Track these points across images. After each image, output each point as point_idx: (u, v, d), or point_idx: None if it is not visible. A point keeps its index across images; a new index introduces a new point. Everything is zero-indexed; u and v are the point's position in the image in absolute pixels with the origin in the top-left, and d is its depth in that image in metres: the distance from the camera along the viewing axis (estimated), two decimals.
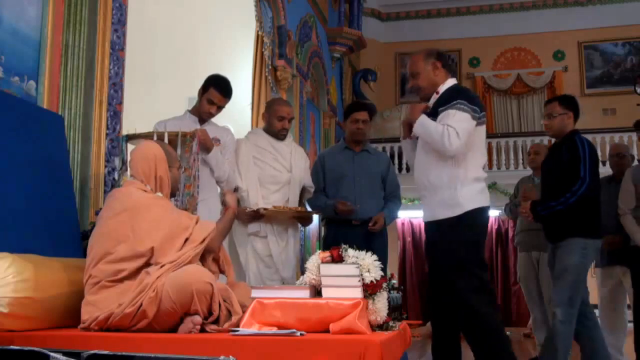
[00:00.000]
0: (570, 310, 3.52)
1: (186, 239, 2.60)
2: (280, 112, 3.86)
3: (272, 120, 3.88)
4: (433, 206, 3.16)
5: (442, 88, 3.20)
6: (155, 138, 3.15)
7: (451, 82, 3.23)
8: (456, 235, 3.07)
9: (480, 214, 3.12)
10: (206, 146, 3.39)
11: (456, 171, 3.08)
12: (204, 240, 2.62)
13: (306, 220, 4.07)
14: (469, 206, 3.07)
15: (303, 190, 4.04)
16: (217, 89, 3.54)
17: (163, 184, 2.74)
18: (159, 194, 2.73)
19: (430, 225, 3.24)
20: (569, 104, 3.82)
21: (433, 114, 3.16)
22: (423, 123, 3.12)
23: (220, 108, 3.61)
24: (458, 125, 3.00)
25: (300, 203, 4.04)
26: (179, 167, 2.90)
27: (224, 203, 2.95)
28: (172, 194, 2.90)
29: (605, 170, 4.46)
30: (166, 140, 3.19)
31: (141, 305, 2.38)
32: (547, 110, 3.86)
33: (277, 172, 3.86)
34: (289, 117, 3.89)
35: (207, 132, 3.41)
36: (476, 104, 3.10)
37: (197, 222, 2.67)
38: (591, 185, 3.53)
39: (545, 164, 3.93)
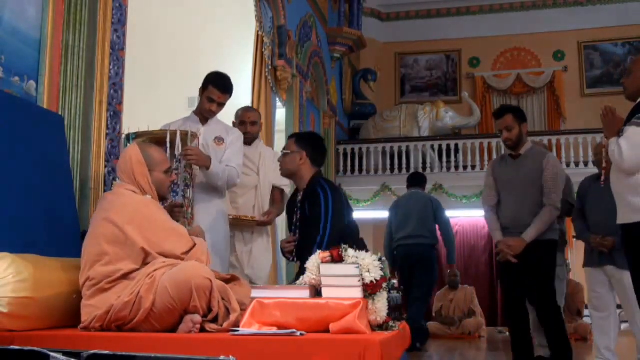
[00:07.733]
0: None
1: (188, 250, 2.65)
2: (242, 117, 4.10)
3: (237, 126, 4.09)
4: (621, 211, 3.19)
5: None
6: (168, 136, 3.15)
7: None
8: (635, 243, 3.06)
9: None
10: (200, 164, 3.35)
11: (634, 178, 3.08)
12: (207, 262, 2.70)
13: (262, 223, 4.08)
14: None
15: (275, 190, 4.15)
16: (215, 86, 3.57)
17: (143, 186, 2.73)
18: (148, 196, 2.73)
19: (622, 229, 3.25)
20: (303, 141, 3.30)
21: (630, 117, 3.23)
22: (610, 144, 3.20)
23: (221, 105, 3.63)
24: (626, 142, 3.07)
25: (273, 202, 4.11)
26: (167, 170, 2.84)
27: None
28: (163, 198, 2.89)
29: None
30: (168, 140, 3.18)
31: (139, 292, 2.40)
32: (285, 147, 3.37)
33: (245, 175, 3.93)
34: (250, 120, 4.08)
35: (198, 150, 3.34)
36: None
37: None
38: (333, 230, 3.10)
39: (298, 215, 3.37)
